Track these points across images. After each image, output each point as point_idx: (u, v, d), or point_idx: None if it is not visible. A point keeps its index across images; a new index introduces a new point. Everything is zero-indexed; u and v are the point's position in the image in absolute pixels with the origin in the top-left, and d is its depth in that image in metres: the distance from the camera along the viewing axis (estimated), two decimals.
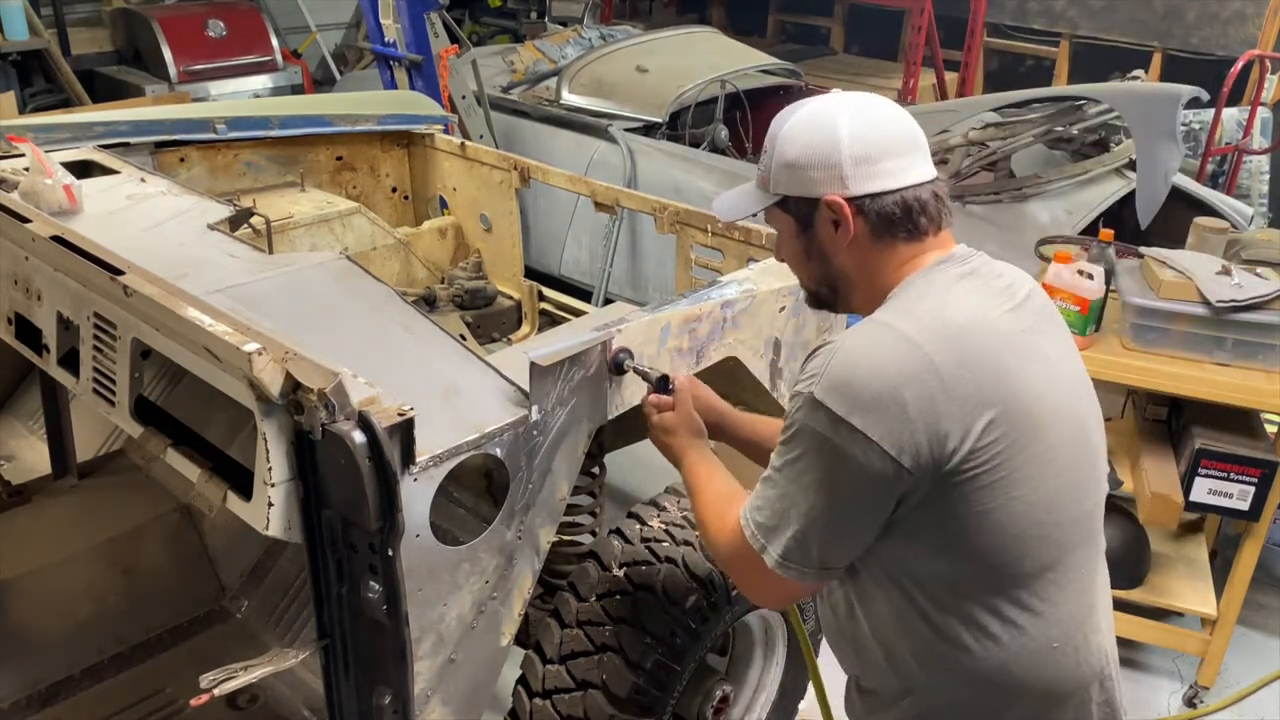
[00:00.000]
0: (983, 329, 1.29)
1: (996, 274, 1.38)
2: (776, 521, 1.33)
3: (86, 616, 2.56)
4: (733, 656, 2.41)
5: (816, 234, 1.38)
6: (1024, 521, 1.29)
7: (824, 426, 1.25)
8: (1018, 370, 1.28)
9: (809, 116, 1.36)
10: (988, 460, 1.25)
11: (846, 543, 1.33)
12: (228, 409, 1.90)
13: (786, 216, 1.41)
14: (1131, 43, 6.56)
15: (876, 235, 1.35)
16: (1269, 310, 2.66)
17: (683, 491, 2.22)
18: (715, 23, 8.24)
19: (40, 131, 2.65)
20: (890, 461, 1.23)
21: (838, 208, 1.34)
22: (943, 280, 1.34)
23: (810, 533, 1.30)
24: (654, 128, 4.61)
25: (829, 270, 1.41)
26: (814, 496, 1.29)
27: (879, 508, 1.28)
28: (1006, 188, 3.59)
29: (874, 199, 1.32)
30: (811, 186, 1.35)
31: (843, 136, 1.32)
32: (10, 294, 2.07)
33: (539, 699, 1.98)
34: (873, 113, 1.34)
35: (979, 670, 1.35)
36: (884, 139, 1.32)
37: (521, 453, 1.67)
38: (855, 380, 1.23)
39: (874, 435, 1.22)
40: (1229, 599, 2.91)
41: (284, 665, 1.60)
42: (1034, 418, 1.28)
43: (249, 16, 6.60)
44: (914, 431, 1.22)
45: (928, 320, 1.28)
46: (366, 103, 3.41)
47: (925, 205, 1.34)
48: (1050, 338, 1.38)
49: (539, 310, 3.19)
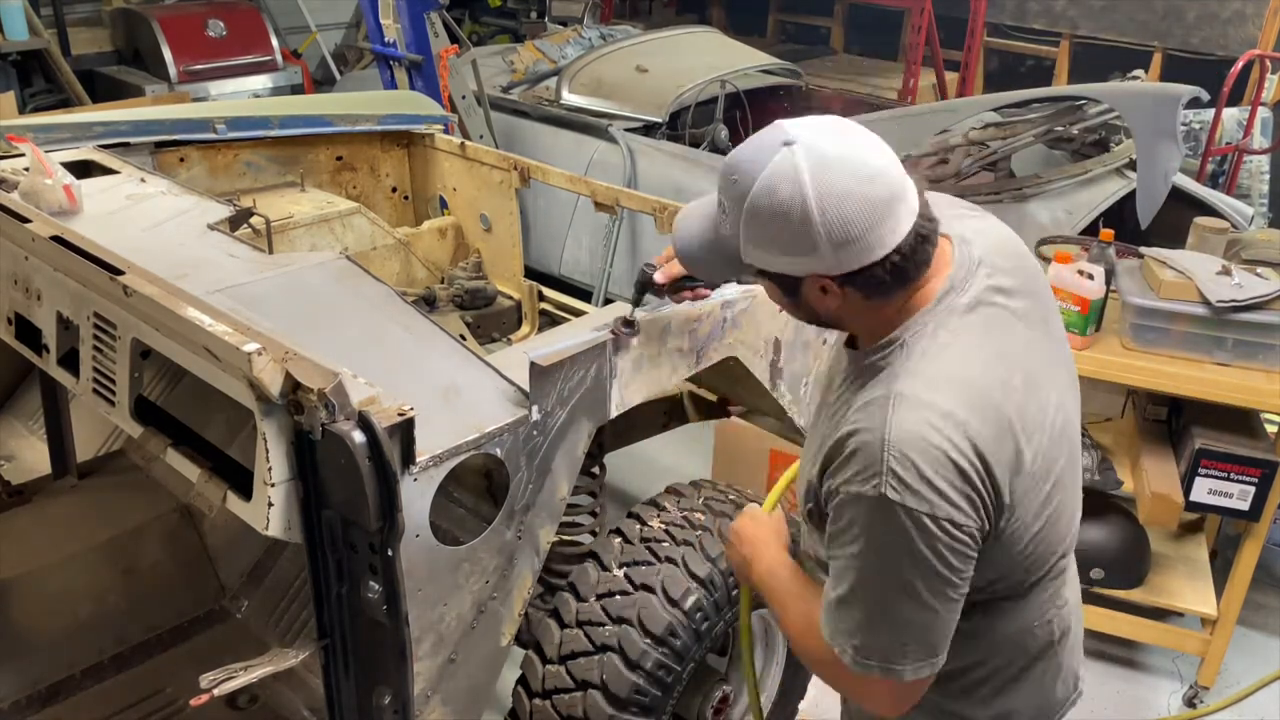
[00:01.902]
0: (1003, 382, 1.28)
1: (996, 287, 1.33)
2: (883, 639, 1.27)
3: (86, 616, 2.56)
4: (733, 656, 2.41)
5: (804, 298, 1.32)
6: (1040, 545, 1.35)
7: (909, 526, 1.21)
8: (1034, 410, 1.30)
9: (773, 195, 1.21)
10: (1024, 510, 1.29)
11: (956, 618, 1.30)
12: (228, 409, 1.90)
13: (769, 282, 1.34)
14: (1131, 43, 6.56)
15: (868, 296, 1.28)
16: (1269, 310, 2.66)
17: (683, 492, 2.22)
18: (715, 23, 8.24)
19: (40, 131, 2.65)
20: (976, 532, 1.25)
21: (825, 284, 1.27)
22: (952, 324, 1.29)
23: (926, 629, 1.28)
24: (654, 128, 4.61)
25: (819, 319, 1.38)
26: (917, 596, 1.25)
27: (970, 575, 1.28)
28: (1006, 188, 3.59)
29: (862, 272, 1.24)
30: (793, 269, 1.27)
31: (816, 222, 1.19)
32: (10, 294, 2.07)
33: (539, 699, 1.98)
34: (842, 178, 1.19)
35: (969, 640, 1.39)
36: (861, 212, 1.19)
37: (521, 453, 1.67)
38: (923, 472, 1.20)
39: (959, 519, 1.22)
40: (1229, 599, 2.91)
41: (284, 665, 1.61)
42: (1048, 451, 1.32)
43: (249, 16, 6.59)
44: (985, 499, 1.24)
45: (958, 389, 1.25)
46: (366, 103, 3.41)
47: (915, 255, 1.26)
48: (1045, 334, 1.39)
49: (539, 310, 3.18)
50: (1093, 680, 3.11)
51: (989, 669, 1.46)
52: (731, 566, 1.64)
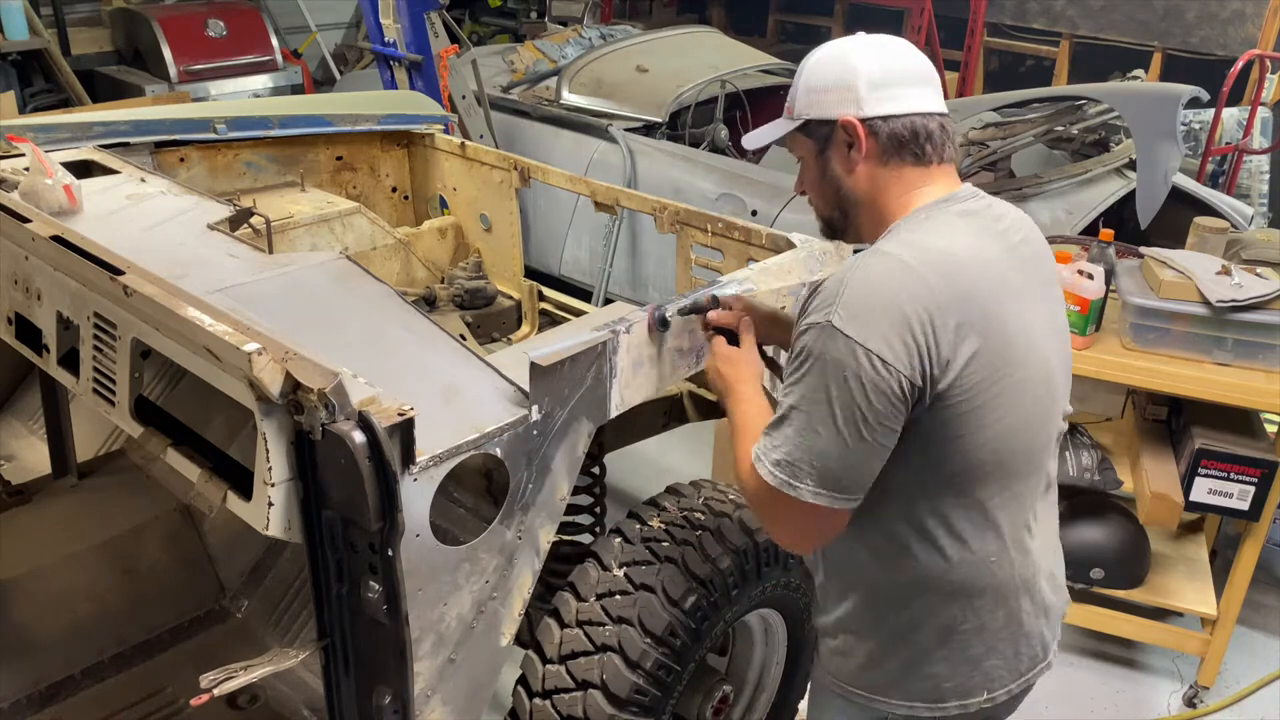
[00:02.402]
0: (976, 264, 1.40)
1: (996, 216, 1.48)
2: (799, 455, 1.37)
3: (86, 616, 2.56)
4: (733, 656, 2.41)
5: (832, 155, 1.49)
6: (986, 449, 1.40)
7: (842, 352, 1.32)
8: (1003, 307, 1.39)
9: (833, 48, 1.49)
10: (968, 389, 1.36)
11: (869, 466, 1.38)
12: (228, 409, 1.90)
13: (807, 141, 1.52)
14: (1131, 43, 6.56)
15: (885, 156, 1.45)
16: (1269, 310, 2.66)
17: (683, 492, 2.22)
18: (715, 23, 8.25)
19: (40, 131, 2.65)
20: (906, 381, 1.32)
21: (852, 129, 1.44)
22: (943, 216, 1.44)
23: (837, 460, 1.36)
24: (654, 128, 4.61)
25: (841, 191, 1.51)
26: (836, 423, 1.34)
27: (894, 427, 1.36)
28: (1006, 188, 3.59)
29: (885, 120, 1.43)
30: (830, 108, 1.46)
31: (859, 63, 1.44)
32: (10, 294, 2.07)
33: (539, 699, 1.98)
34: (891, 46, 1.47)
35: (921, 573, 1.48)
36: (898, 68, 1.44)
37: (521, 453, 1.67)
38: (869, 307, 1.32)
39: (889, 358, 1.31)
40: (1229, 599, 2.91)
41: (284, 665, 1.60)
42: (1010, 354, 1.39)
43: (249, 16, 6.60)
44: (922, 355, 1.32)
45: (929, 252, 1.37)
46: (366, 103, 3.41)
47: (931, 133, 1.45)
48: (1035, 280, 1.49)
49: (539, 310, 3.18)
50: (1093, 680, 3.13)
51: (945, 602, 1.49)
52: (710, 380, 1.74)
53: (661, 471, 3.65)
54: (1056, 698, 3.02)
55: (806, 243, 2.28)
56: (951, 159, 1.49)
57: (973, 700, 1.55)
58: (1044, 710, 2.94)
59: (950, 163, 1.49)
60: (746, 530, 2.10)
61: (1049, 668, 1.62)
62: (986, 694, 1.55)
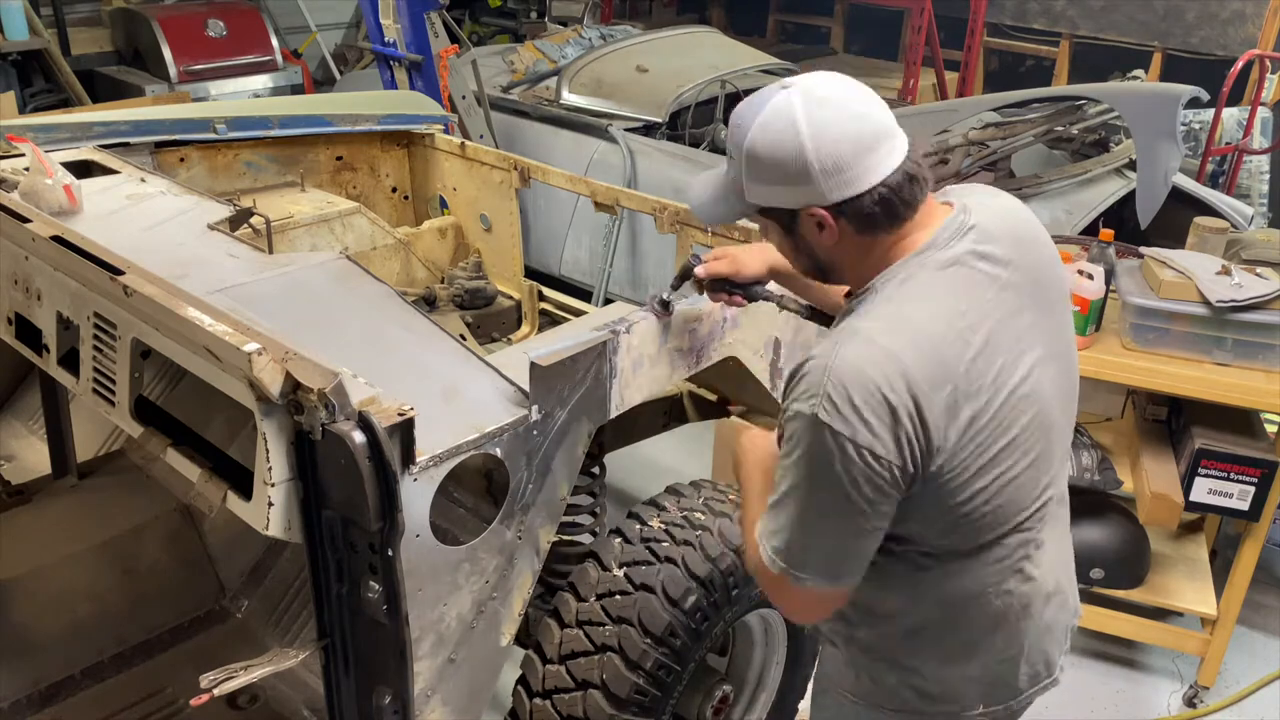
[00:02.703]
0: (958, 335, 1.33)
1: (982, 255, 1.39)
2: (795, 543, 1.37)
3: (86, 616, 2.56)
4: (733, 656, 2.41)
5: (801, 234, 1.43)
6: (987, 505, 1.39)
7: (831, 447, 1.29)
8: (991, 370, 1.35)
9: (770, 130, 1.35)
10: (964, 459, 1.34)
11: (865, 549, 1.38)
12: (228, 409, 1.90)
13: (769, 220, 1.45)
14: (1131, 43, 6.55)
15: (859, 231, 1.38)
16: (1269, 310, 2.66)
17: (683, 492, 2.22)
18: (715, 23, 8.24)
19: (40, 131, 2.65)
20: (898, 470, 1.30)
21: (819, 216, 1.37)
22: (923, 276, 1.37)
23: (834, 549, 1.37)
24: (654, 128, 4.61)
25: (817, 262, 1.47)
26: (829, 514, 1.34)
27: (888, 512, 1.35)
28: (1006, 188, 3.59)
29: (851, 202, 1.35)
30: (789, 200, 1.38)
31: (809, 151, 1.31)
32: (10, 294, 2.07)
33: (539, 699, 1.98)
34: (833, 112, 1.32)
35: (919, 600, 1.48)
36: (849, 142, 1.32)
37: (521, 453, 1.67)
38: (853, 400, 1.28)
39: (879, 451, 1.28)
40: (1229, 599, 2.91)
41: (284, 665, 1.60)
42: (1003, 415, 1.36)
43: (249, 16, 6.60)
44: (912, 443, 1.30)
45: (907, 327, 1.32)
46: (366, 103, 3.41)
47: (900, 191, 1.36)
48: (1034, 313, 1.42)
49: (539, 310, 3.18)
50: (1093, 680, 3.13)
51: (941, 627, 1.50)
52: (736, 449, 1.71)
53: (661, 471, 3.65)
54: (1057, 697, 2.99)
55: None
56: (924, 196, 1.39)
57: (970, 713, 1.56)
58: (1044, 710, 2.93)
59: (924, 199, 1.40)
60: None
61: (1054, 684, 1.61)
62: (983, 708, 1.56)
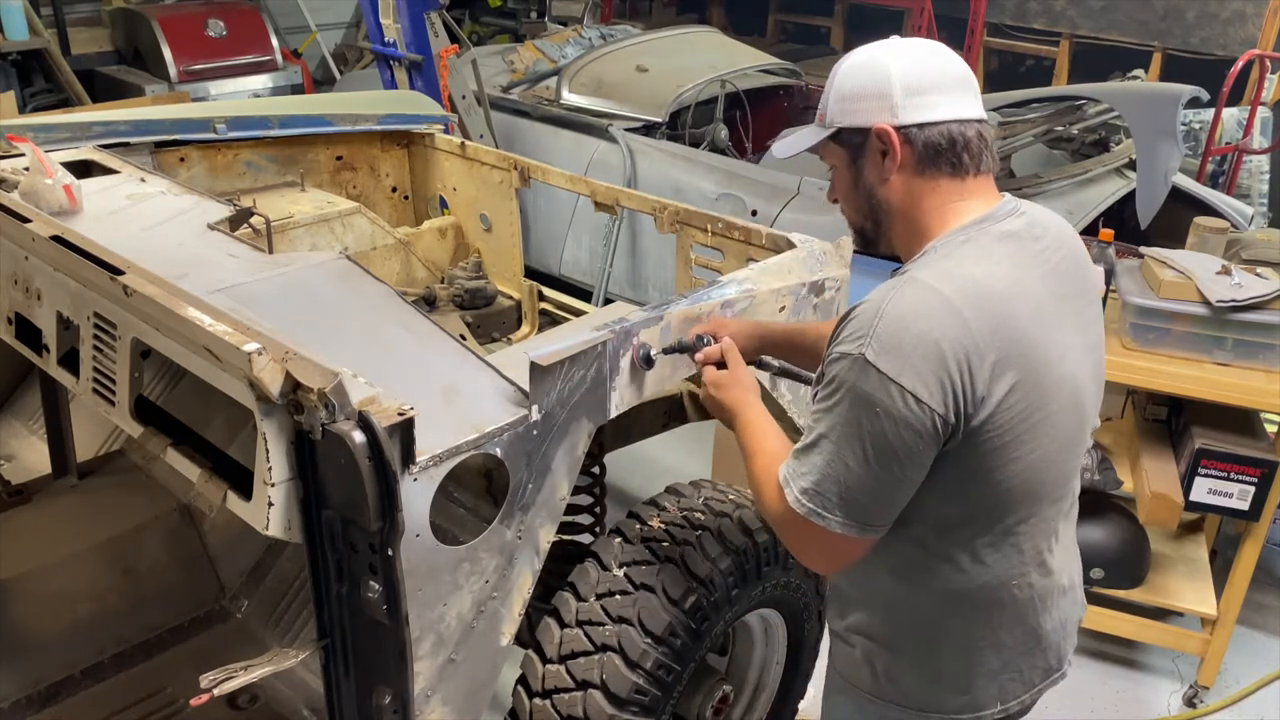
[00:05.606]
0: (1015, 297, 1.35)
1: (1035, 236, 1.42)
2: (827, 486, 1.35)
3: (86, 616, 2.56)
4: (733, 656, 2.41)
5: (865, 164, 1.44)
6: (1017, 479, 1.38)
7: (875, 387, 1.29)
8: (1039, 340, 1.36)
9: (867, 53, 1.43)
10: (1002, 424, 1.33)
11: (898, 499, 1.37)
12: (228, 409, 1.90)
13: (840, 149, 1.47)
14: (1131, 43, 6.56)
15: (921, 166, 1.40)
16: (1269, 310, 2.66)
17: (683, 492, 2.22)
18: (715, 23, 8.25)
19: (40, 131, 2.65)
20: (938, 419, 1.29)
21: (886, 136, 1.39)
22: (983, 241, 1.39)
23: (864, 493, 1.35)
24: (654, 128, 4.61)
25: (874, 201, 1.46)
26: (867, 457, 1.32)
27: (925, 462, 1.34)
28: (1006, 188, 3.59)
29: (921, 129, 1.38)
30: (863, 116, 1.41)
31: (894, 69, 1.38)
32: (10, 294, 2.07)
33: (539, 699, 1.98)
34: (927, 51, 1.41)
35: (941, 592, 1.47)
36: (935, 73, 1.39)
37: (521, 453, 1.67)
38: (904, 342, 1.28)
39: (923, 395, 1.28)
40: (1229, 599, 2.91)
41: (284, 665, 1.60)
42: (1045, 386, 1.36)
43: (249, 16, 6.60)
44: (957, 393, 1.29)
45: (967, 284, 1.33)
46: (366, 103, 3.41)
47: (969, 141, 1.39)
48: (1074, 299, 1.44)
49: (539, 310, 3.18)
50: (1093, 680, 3.13)
51: (965, 620, 1.50)
52: (711, 410, 1.72)
53: (661, 471, 3.65)
54: (1057, 697, 3.00)
55: (806, 243, 2.28)
56: (990, 169, 1.43)
57: (986, 712, 1.55)
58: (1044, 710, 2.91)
59: (988, 173, 1.43)
60: (746, 530, 2.10)
61: (1063, 677, 1.62)
62: (1000, 705, 1.55)
